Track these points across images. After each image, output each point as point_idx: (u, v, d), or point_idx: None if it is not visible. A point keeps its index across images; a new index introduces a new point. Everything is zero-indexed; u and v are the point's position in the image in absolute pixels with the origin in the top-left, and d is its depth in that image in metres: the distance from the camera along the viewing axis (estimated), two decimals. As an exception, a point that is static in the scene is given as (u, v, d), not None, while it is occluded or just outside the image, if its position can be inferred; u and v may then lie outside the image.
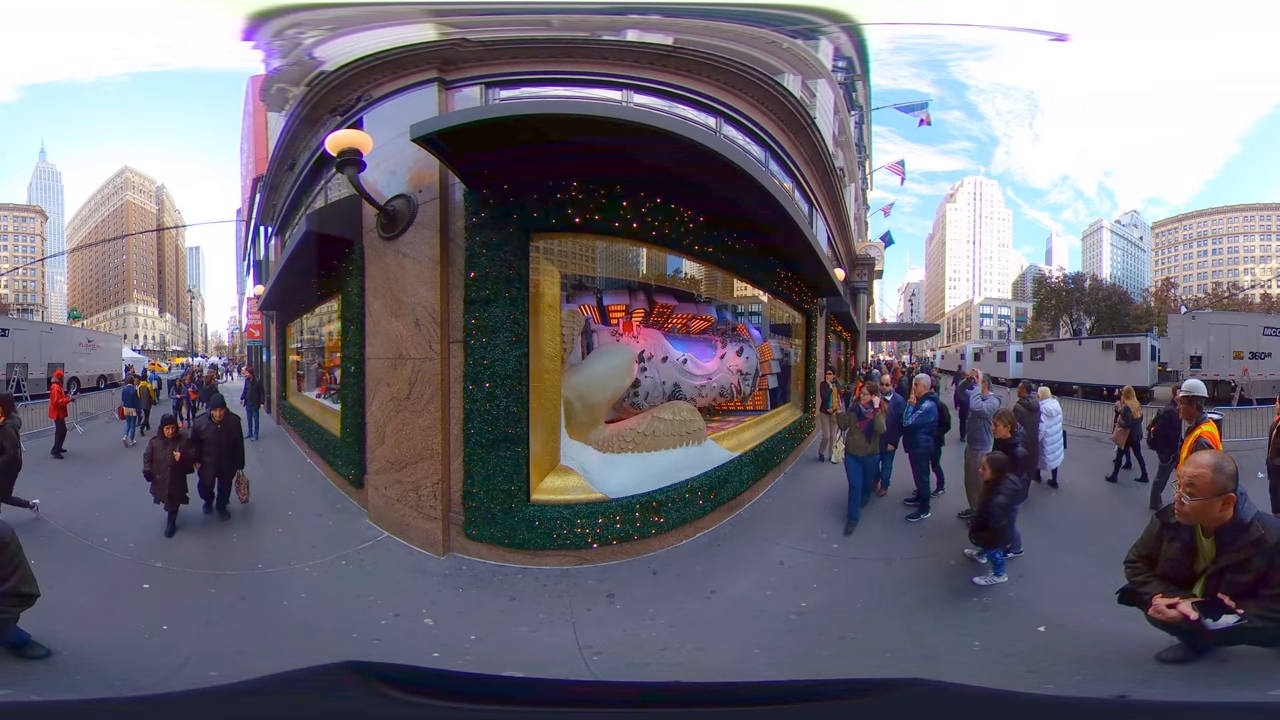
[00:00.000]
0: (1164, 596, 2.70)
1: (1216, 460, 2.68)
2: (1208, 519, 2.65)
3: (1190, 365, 19.98)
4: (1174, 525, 2.80)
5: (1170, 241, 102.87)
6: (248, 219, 17.83)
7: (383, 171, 5.74)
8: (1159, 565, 2.88)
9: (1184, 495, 2.65)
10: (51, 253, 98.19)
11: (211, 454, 6.28)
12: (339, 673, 2.49)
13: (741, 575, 4.93)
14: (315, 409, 9.88)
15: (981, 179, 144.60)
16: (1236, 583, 2.60)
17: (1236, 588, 2.59)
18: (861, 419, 6.27)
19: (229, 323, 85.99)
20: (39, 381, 19.28)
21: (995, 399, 6.79)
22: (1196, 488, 2.62)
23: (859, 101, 21.56)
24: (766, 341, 9.37)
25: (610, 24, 6.03)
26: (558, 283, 5.39)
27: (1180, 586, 2.76)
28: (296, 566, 5.06)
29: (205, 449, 6.25)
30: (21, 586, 2.87)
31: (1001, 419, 5.45)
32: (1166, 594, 2.72)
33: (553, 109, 4.71)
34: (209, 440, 6.31)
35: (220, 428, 6.45)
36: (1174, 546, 2.81)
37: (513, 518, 4.99)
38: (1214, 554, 2.69)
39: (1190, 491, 2.63)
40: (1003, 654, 3.56)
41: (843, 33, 10.18)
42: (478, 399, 5.04)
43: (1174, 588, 2.75)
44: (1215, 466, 2.63)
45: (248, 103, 24.89)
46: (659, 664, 3.58)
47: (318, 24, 6.36)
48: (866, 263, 21.51)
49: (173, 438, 6.08)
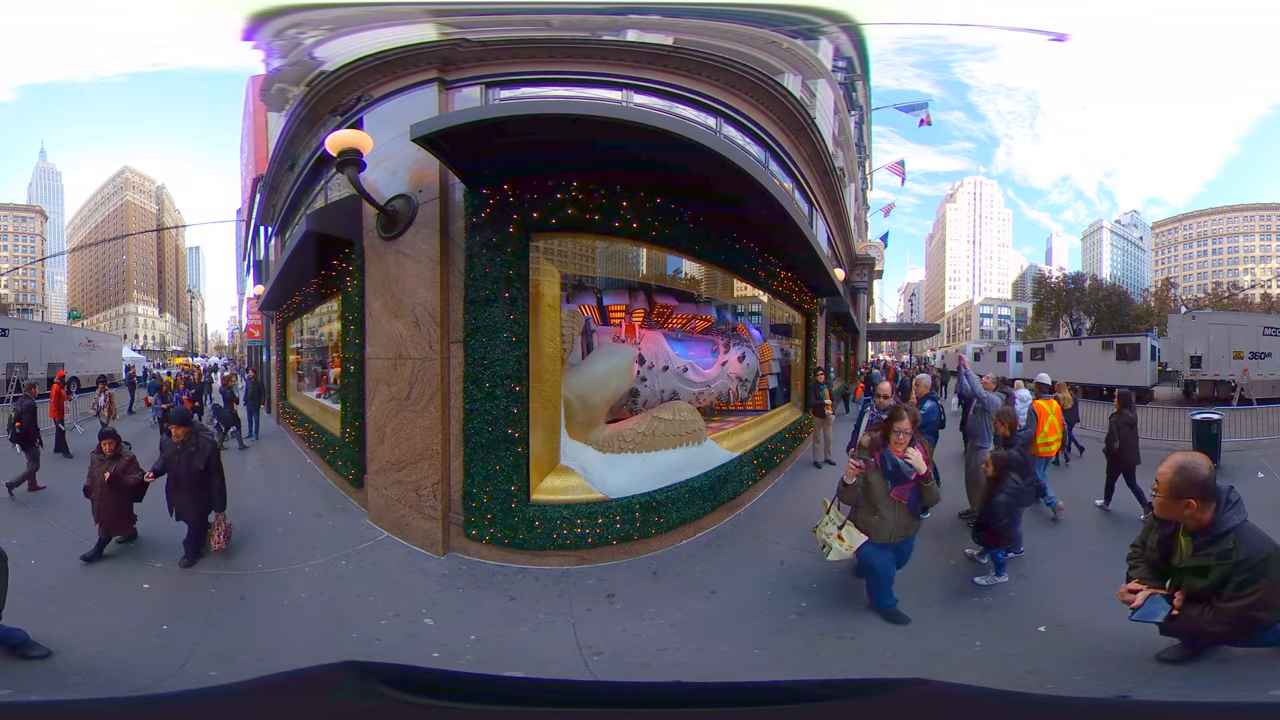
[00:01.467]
0: (1139, 583, 2.94)
1: (1182, 462, 2.74)
2: (1174, 517, 2.80)
3: (1190, 365, 20.00)
4: (1160, 519, 2.94)
5: (1170, 241, 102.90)
6: (248, 219, 17.85)
7: (383, 171, 5.74)
8: (1146, 553, 3.07)
9: (1153, 490, 2.84)
10: (51, 253, 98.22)
11: (178, 485, 5.08)
12: (339, 673, 2.50)
13: (741, 575, 4.93)
14: (315, 409, 9.88)
15: (981, 179, 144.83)
16: (1194, 585, 2.74)
17: (1193, 590, 2.74)
18: (901, 482, 3.90)
19: (229, 323, 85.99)
20: (39, 381, 19.27)
21: (998, 396, 6.75)
22: (1159, 484, 2.78)
23: (859, 101, 21.57)
24: (766, 342, 9.37)
25: (610, 24, 6.03)
26: (558, 283, 5.39)
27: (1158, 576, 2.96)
28: (296, 566, 5.06)
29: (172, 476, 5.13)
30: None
31: (1003, 419, 5.36)
32: (1145, 580, 2.94)
33: (552, 109, 4.70)
34: (172, 467, 5.10)
35: (184, 451, 5.07)
36: (1155, 538, 3.00)
37: (512, 518, 4.99)
38: (1189, 552, 2.82)
39: (1154, 488, 2.82)
40: (1003, 654, 3.56)
41: (843, 33, 10.19)
42: (478, 399, 5.04)
43: (1154, 577, 2.96)
44: (1177, 468, 2.72)
45: (248, 103, 24.91)
46: (659, 664, 3.57)
47: (318, 24, 6.36)
48: (866, 263, 21.55)
49: (110, 455, 5.20)
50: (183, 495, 5.06)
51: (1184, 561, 2.82)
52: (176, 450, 5.07)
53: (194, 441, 5.12)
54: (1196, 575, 2.74)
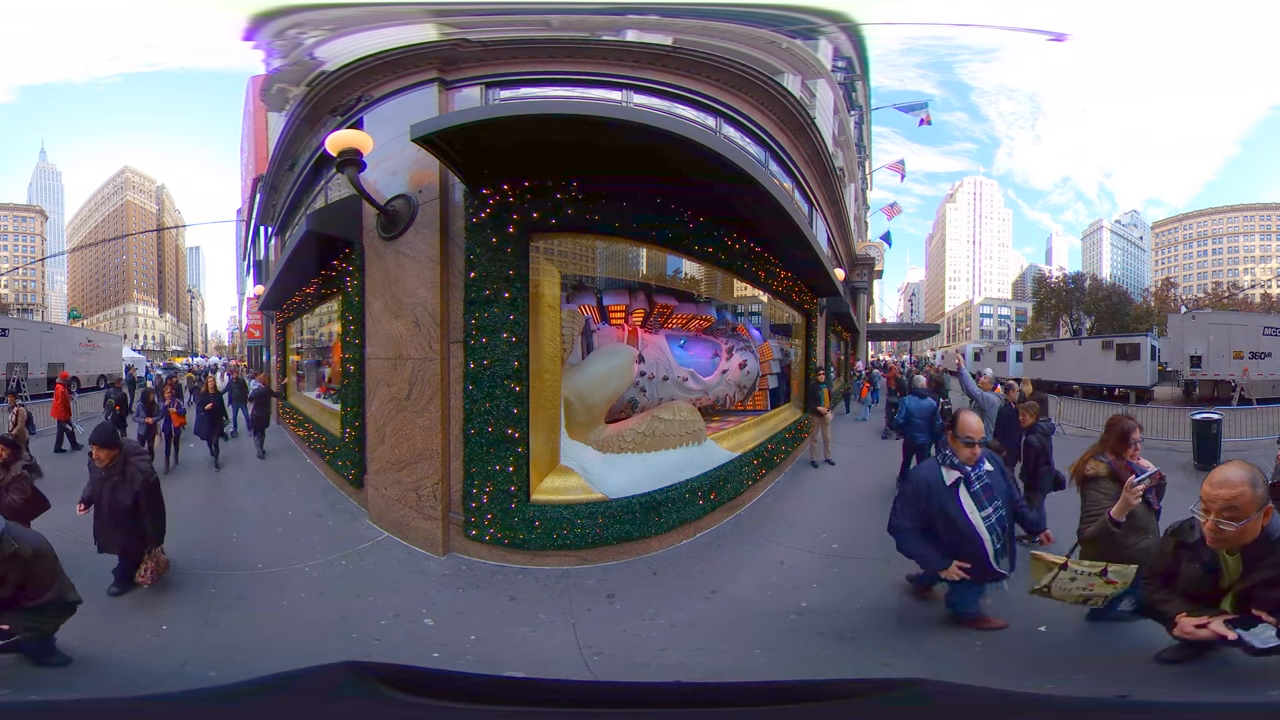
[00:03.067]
0: (1189, 616, 2.51)
1: (1251, 474, 2.36)
2: (1249, 537, 2.38)
3: (1190, 365, 20.01)
4: (1193, 545, 2.56)
5: (1170, 241, 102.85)
6: (248, 219, 17.83)
7: (383, 171, 5.74)
8: (1179, 584, 2.66)
9: (1221, 521, 2.32)
10: (51, 253, 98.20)
11: (100, 516, 4.25)
12: (339, 673, 2.49)
13: (741, 575, 4.93)
14: (315, 409, 9.88)
15: (981, 179, 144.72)
16: (1270, 599, 2.39)
17: (1270, 604, 2.39)
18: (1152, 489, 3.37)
19: (229, 323, 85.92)
20: (39, 381, 19.29)
21: (996, 397, 6.75)
22: (1239, 509, 2.29)
23: (859, 101, 21.56)
24: (766, 342, 9.37)
25: (610, 24, 6.03)
26: (558, 283, 5.39)
27: (1204, 604, 2.56)
28: (296, 566, 5.06)
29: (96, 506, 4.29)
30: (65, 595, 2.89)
31: (1028, 408, 5.69)
32: (1191, 613, 2.52)
33: (552, 109, 4.71)
34: (97, 497, 4.23)
35: (109, 477, 4.13)
36: (1194, 567, 2.57)
37: (513, 518, 4.99)
38: (1239, 571, 2.49)
39: (1232, 516, 2.30)
40: (1003, 654, 3.56)
41: (842, 33, 10.19)
42: (478, 399, 5.03)
43: (1197, 606, 2.56)
44: (1252, 481, 2.32)
45: (248, 103, 24.87)
46: (659, 664, 3.57)
47: (319, 24, 6.36)
48: (866, 263, 21.55)
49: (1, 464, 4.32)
50: (107, 529, 4.26)
51: (1248, 579, 2.46)
52: (100, 477, 4.18)
53: (120, 469, 4.16)
54: (1272, 588, 2.40)
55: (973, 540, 3.33)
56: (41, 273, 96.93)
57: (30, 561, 2.69)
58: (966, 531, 3.33)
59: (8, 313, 58.29)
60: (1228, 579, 2.53)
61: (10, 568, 2.64)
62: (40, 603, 2.75)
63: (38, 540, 2.80)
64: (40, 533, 2.97)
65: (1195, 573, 2.57)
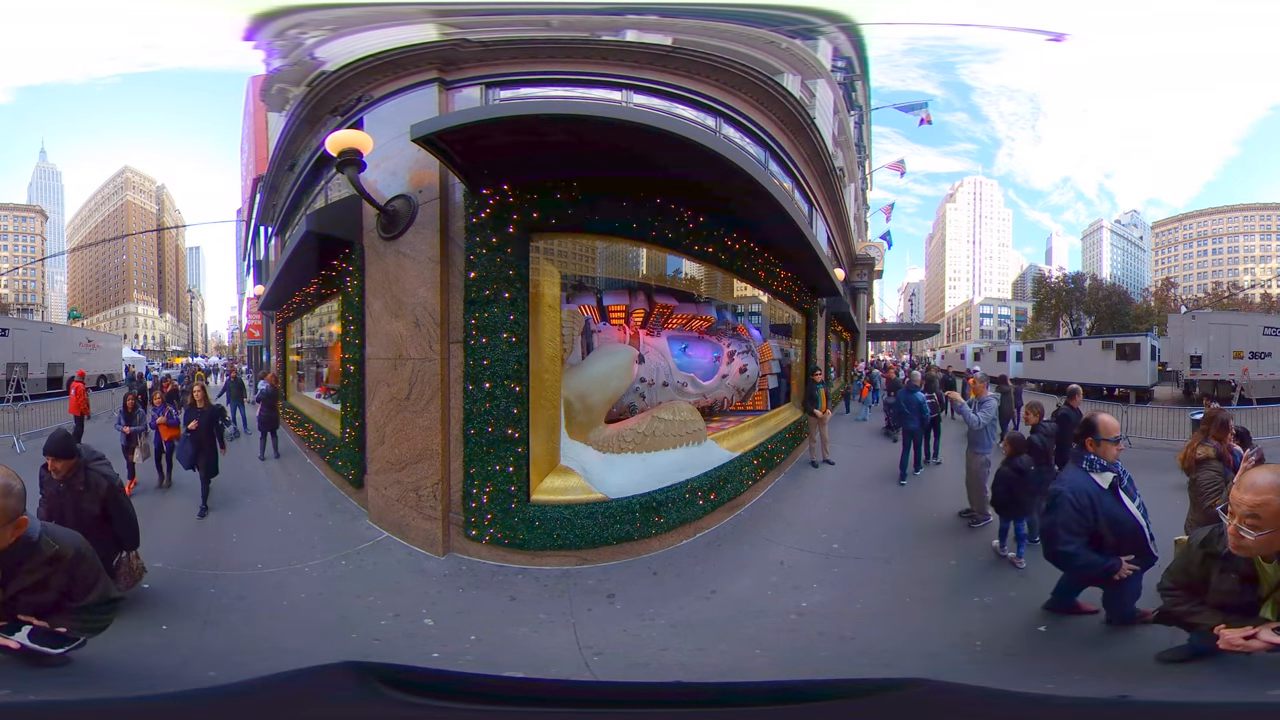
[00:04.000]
0: (1230, 627, 2.37)
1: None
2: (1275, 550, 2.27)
3: (1190, 365, 20.02)
4: (1225, 556, 2.43)
5: (1170, 241, 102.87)
6: (248, 219, 17.83)
7: (383, 172, 5.74)
8: (1210, 597, 2.54)
9: (1244, 529, 2.22)
10: (51, 253, 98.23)
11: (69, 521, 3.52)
12: (339, 673, 2.49)
13: (741, 575, 4.93)
14: (315, 409, 9.88)
15: (981, 179, 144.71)
16: None
17: None
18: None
19: (229, 323, 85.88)
20: (39, 381, 19.29)
21: (994, 399, 6.69)
22: (1262, 519, 2.18)
23: (859, 101, 21.57)
24: (766, 342, 9.37)
25: (609, 24, 6.04)
26: (558, 283, 5.39)
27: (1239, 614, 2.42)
28: (296, 566, 5.05)
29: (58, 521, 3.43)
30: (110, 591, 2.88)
31: (1032, 408, 5.98)
32: (1230, 624, 2.38)
33: (552, 109, 4.71)
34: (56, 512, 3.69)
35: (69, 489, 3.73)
36: (1229, 578, 2.45)
37: (513, 518, 4.99)
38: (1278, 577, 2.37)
39: (1254, 524, 2.19)
40: (1003, 654, 3.56)
41: (842, 33, 10.19)
42: (478, 399, 5.04)
43: (1233, 617, 2.42)
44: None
45: (248, 103, 24.87)
46: (659, 664, 3.57)
47: (319, 24, 6.36)
48: (866, 263, 21.57)
49: None
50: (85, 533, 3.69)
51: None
52: (58, 489, 3.74)
53: (81, 479, 3.78)
54: None
55: (1136, 531, 3.26)
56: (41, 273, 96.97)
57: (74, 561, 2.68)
58: (1130, 526, 3.25)
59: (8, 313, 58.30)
60: (1265, 586, 2.40)
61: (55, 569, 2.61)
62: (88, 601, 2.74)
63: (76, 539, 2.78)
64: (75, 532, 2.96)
65: (1230, 584, 2.44)
